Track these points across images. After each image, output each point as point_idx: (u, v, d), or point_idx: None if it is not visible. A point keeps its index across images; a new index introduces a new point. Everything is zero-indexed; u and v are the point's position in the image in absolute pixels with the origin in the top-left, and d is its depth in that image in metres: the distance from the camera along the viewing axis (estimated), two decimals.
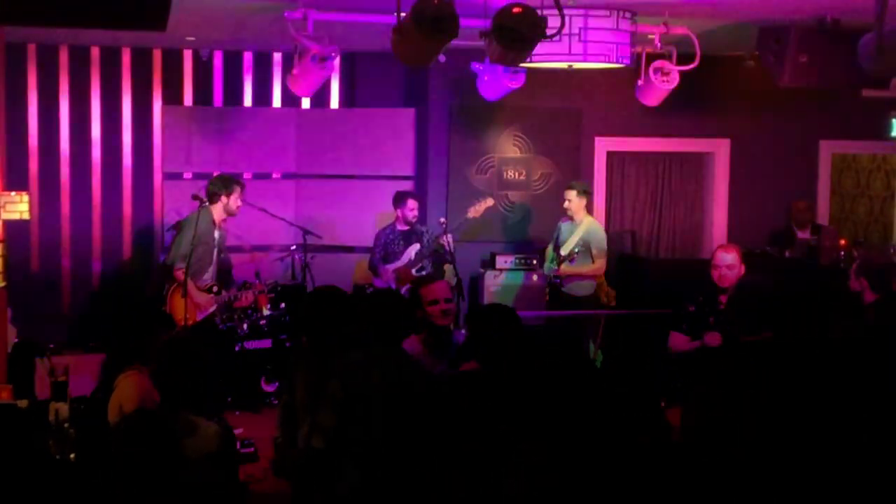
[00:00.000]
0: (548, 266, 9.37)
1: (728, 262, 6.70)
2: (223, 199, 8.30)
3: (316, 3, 7.15)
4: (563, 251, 9.11)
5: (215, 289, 8.31)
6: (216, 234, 8.27)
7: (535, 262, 9.92)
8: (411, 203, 9.33)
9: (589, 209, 10.45)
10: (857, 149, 11.62)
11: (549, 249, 9.45)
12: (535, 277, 9.81)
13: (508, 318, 4.94)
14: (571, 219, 9.21)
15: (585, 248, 9.08)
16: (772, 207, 10.73)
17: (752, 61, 9.13)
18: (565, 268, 9.06)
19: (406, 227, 9.33)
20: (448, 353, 5.47)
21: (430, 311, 5.45)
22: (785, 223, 10.48)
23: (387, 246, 9.36)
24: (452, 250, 9.07)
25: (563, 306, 9.14)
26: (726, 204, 11.00)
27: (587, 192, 9.34)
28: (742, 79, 9.99)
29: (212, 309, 8.35)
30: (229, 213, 8.40)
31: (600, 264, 9.17)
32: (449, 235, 9.10)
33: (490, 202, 9.52)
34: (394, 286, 9.22)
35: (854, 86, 8.91)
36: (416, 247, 9.27)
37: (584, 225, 9.18)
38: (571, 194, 9.18)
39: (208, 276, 8.33)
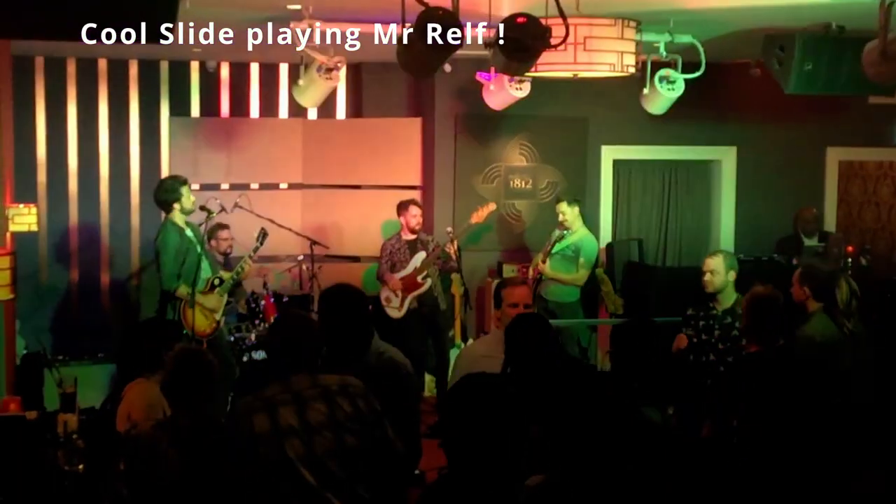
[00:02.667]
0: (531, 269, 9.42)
1: (711, 267, 6.98)
2: (176, 205, 8.01)
3: (322, 15, 7.18)
4: (553, 250, 9.16)
5: (216, 281, 8.14)
6: (188, 233, 8.04)
7: None
8: (413, 209, 9.32)
9: (595, 217, 10.49)
10: (863, 156, 11.61)
11: (539, 256, 9.48)
12: None
13: (535, 326, 4.91)
14: (566, 228, 9.28)
15: (575, 254, 9.13)
16: (779, 215, 10.73)
17: (757, 69, 9.13)
18: (545, 267, 9.10)
19: (412, 237, 9.34)
20: None
21: (509, 314, 5.30)
22: (792, 231, 10.48)
23: (392, 255, 9.37)
24: (458, 258, 9.12)
25: (546, 314, 9.20)
26: (733, 212, 11.01)
27: (577, 201, 9.38)
28: (748, 86, 9.97)
29: (225, 301, 8.23)
30: (187, 213, 8.07)
31: (583, 274, 9.21)
32: (455, 244, 9.13)
33: (492, 206, 9.53)
34: (400, 295, 9.25)
35: (860, 93, 8.90)
36: (421, 255, 9.28)
37: (578, 234, 9.22)
38: (563, 207, 9.25)
39: (205, 273, 8.20)
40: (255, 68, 10.76)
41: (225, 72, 10.69)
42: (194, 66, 10.59)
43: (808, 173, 11.04)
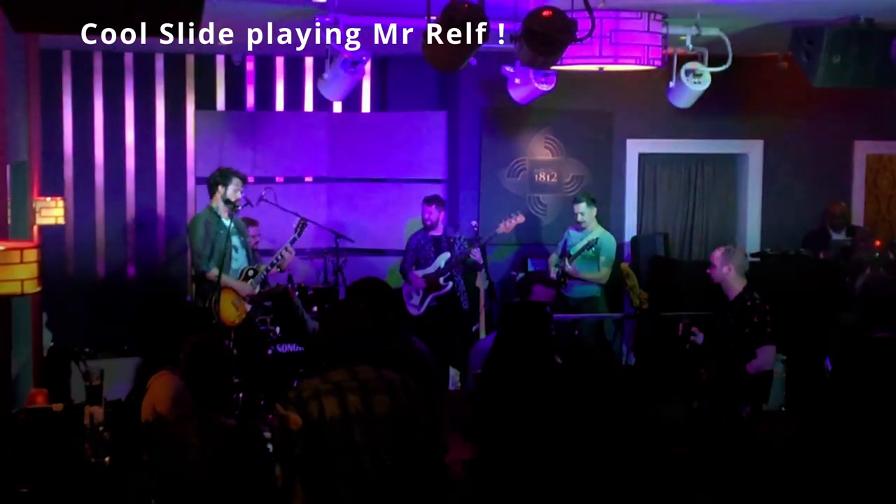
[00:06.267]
0: (553, 270, 9.37)
1: (711, 260, 7.19)
2: (220, 189, 8.23)
3: (347, 8, 7.17)
4: (573, 252, 9.14)
5: (251, 272, 8.29)
6: (226, 223, 8.18)
7: None
8: (425, 208, 9.30)
9: (621, 211, 10.47)
10: (892, 149, 11.52)
11: (554, 256, 9.46)
12: None
13: (533, 317, 5.00)
14: (583, 228, 9.27)
15: (595, 253, 9.11)
16: (806, 209, 10.67)
17: (784, 62, 9.07)
18: (572, 268, 9.07)
19: (437, 233, 9.32)
20: None
21: None
22: (819, 225, 10.41)
23: (418, 251, 9.37)
24: (483, 261, 9.11)
25: (566, 309, 9.18)
26: (760, 205, 10.94)
27: (595, 201, 9.42)
28: (775, 80, 9.93)
29: (256, 290, 8.30)
30: (229, 204, 8.21)
31: (605, 272, 9.24)
32: (477, 250, 9.09)
33: (521, 219, 9.28)
34: (420, 293, 9.27)
35: (888, 86, 8.83)
36: (445, 255, 9.26)
37: (595, 233, 9.23)
38: (581, 207, 9.32)
39: (238, 264, 8.31)
40: (280, 62, 10.77)
41: (250, 65, 10.71)
42: (220, 60, 10.61)
43: (835, 167, 10.96)
